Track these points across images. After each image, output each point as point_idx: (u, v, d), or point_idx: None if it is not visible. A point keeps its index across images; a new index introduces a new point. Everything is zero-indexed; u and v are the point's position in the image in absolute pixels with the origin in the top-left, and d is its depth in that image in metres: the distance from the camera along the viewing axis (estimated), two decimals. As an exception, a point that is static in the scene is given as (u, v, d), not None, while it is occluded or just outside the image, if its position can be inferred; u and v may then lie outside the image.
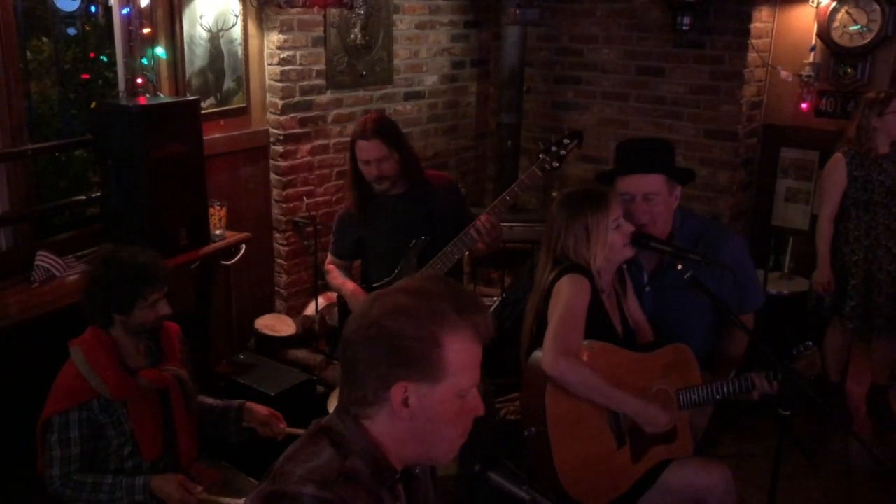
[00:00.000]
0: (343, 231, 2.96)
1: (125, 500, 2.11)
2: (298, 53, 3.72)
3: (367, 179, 2.78)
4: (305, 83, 3.79)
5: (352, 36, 3.93)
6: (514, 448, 2.20)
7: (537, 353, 2.17)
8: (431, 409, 1.22)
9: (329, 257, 3.04)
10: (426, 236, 2.82)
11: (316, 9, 3.60)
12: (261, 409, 2.41)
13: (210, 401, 2.44)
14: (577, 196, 2.26)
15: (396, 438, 1.25)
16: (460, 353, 1.22)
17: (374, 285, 2.92)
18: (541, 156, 2.69)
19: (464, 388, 1.24)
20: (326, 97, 3.91)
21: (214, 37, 3.43)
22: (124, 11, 3.08)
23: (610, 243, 2.18)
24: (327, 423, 1.27)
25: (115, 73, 3.20)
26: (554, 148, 2.68)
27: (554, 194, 2.75)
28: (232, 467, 2.44)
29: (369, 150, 2.72)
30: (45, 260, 2.79)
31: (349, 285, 2.91)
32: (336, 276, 2.97)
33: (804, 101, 4.19)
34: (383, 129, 2.74)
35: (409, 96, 4.39)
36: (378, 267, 2.93)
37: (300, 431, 2.36)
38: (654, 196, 2.32)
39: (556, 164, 2.68)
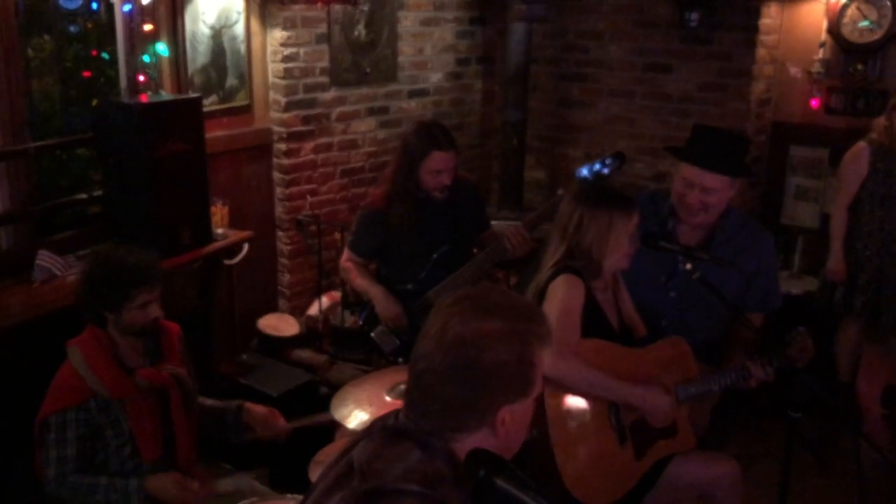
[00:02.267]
0: (368, 230, 2.91)
1: (121, 502, 2.09)
2: (302, 50, 3.70)
3: (429, 188, 2.76)
4: (309, 80, 3.77)
5: (356, 33, 3.91)
6: (522, 450, 2.18)
7: None
8: (522, 421, 1.29)
9: (347, 254, 3.00)
10: (451, 245, 2.82)
11: (319, 5, 3.58)
12: (258, 409, 2.39)
13: (209, 402, 2.42)
14: (605, 191, 2.26)
15: None
16: (541, 363, 1.28)
17: (397, 288, 2.90)
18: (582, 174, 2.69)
19: (539, 392, 1.30)
20: (330, 95, 3.88)
21: (217, 34, 3.41)
22: (126, 8, 3.07)
23: (621, 249, 2.18)
24: (403, 427, 1.27)
25: (117, 70, 3.19)
26: (596, 167, 2.68)
27: (559, 192, 2.74)
28: (231, 468, 2.43)
29: (448, 160, 2.74)
30: (46, 259, 2.79)
31: (376, 289, 2.88)
32: (359, 276, 2.94)
33: (814, 97, 4.15)
34: (452, 137, 2.80)
35: (413, 94, 4.36)
36: (399, 269, 2.90)
37: (306, 422, 2.36)
38: (713, 191, 2.37)
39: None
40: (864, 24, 3.95)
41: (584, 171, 2.67)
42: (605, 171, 2.66)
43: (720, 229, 2.46)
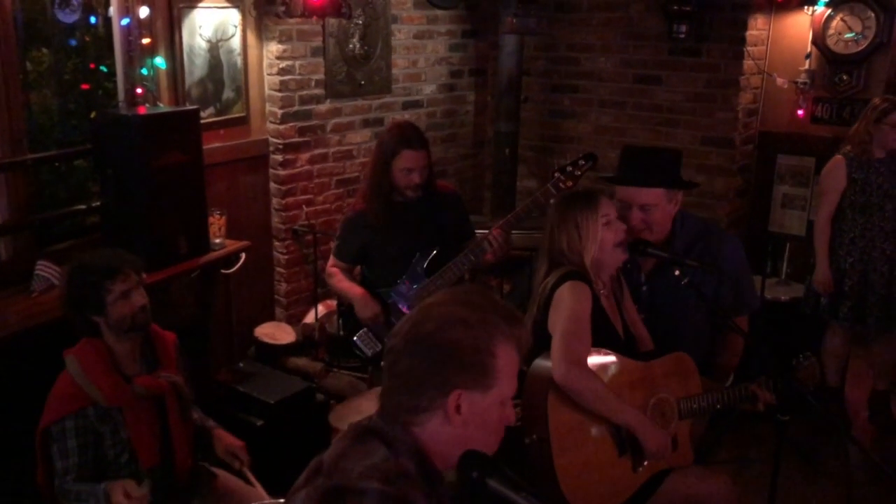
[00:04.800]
0: (351, 234, 2.96)
1: None
2: (297, 63, 3.74)
3: (401, 187, 2.81)
4: (304, 93, 3.81)
5: (350, 46, 3.96)
6: (515, 455, 2.21)
7: (539, 361, 2.17)
8: (480, 416, 1.29)
9: (332, 260, 3.05)
10: (436, 247, 2.85)
11: (315, 19, 3.63)
12: (223, 442, 2.34)
13: (195, 416, 2.41)
14: (568, 197, 2.33)
15: (443, 444, 1.29)
16: (508, 363, 1.29)
17: (378, 291, 2.93)
18: (556, 174, 2.73)
19: (507, 396, 1.31)
20: (325, 106, 3.93)
21: (214, 47, 3.45)
22: (124, 22, 3.10)
23: (601, 241, 2.21)
24: (372, 426, 1.31)
25: (115, 83, 3.22)
26: (569, 168, 2.73)
27: (552, 202, 2.79)
28: (230, 474, 2.43)
29: (417, 158, 2.78)
30: (45, 269, 2.80)
31: (357, 289, 2.92)
32: (340, 280, 2.98)
33: (800, 107, 4.22)
34: (424, 137, 2.84)
35: (407, 105, 4.41)
36: (382, 273, 2.94)
37: (253, 481, 2.29)
38: (651, 207, 2.37)
39: (570, 183, 2.72)
40: (849, 35, 4.03)
41: (558, 174, 2.72)
42: (578, 172, 2.71)
43: (675, 240, 2.44)
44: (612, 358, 2.18)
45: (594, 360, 2.14)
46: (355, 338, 2.95)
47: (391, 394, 1.30)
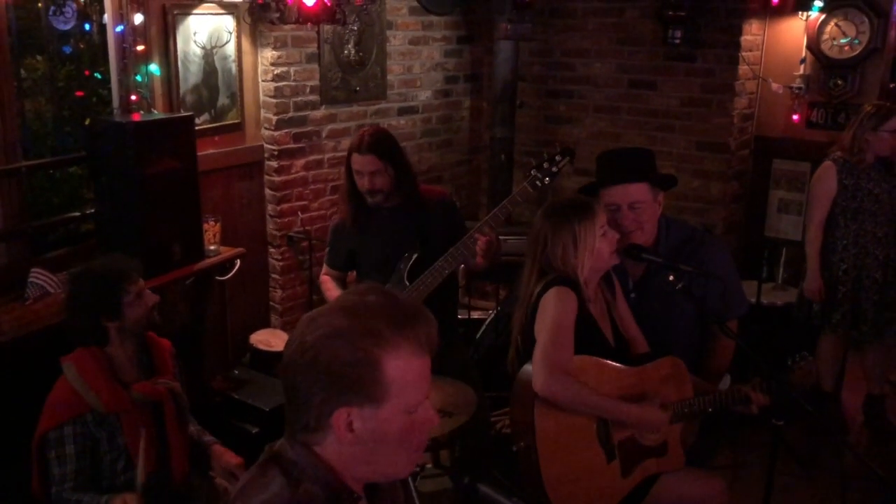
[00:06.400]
0: (336, 242, 2.99)
1: None
2: (292, 69, 3.75)
3: (361, 190, 2.82)
4: (299, 99, 3.81)
5: (345, 52, 3.96)
6: (510, 461, 2.20)
7: (527, 368, 2.16)
8: (379, 431, 1.17)
9: (324, 268, 3.07)
10: (416, 251, 2.83)
11: (309, 25, 3.63)
12: (220, 458, 2.33)
13: (191, 428, 2.41)
14: (563, 205, 2.27)
15: (347, 461, 1.20)
16: (401, 371, 1.16)
17: None
18: (532, 172, 2.70)
19: (411, 404, 1.19)
20: (320, 113, 3.93)
21: (208, 53, 3.45)
22: (118, 29, 3.11)
23: (597, 251, 2.19)
24: (278, 451, 1.23)
25: (110, 90, 3.22)
26: (545, 165, 2.68)
27: (542, 211, 2.76)
28: (225, 483, 2.43)
29: (363, 163, 2.77)
30: (39, 277, 2.80)
31: None
32: (329, 289, 2.99)
33: (795, 112, 4.23)
34: (379, 143, 2.79)
35: (402, 111, 4.41)
36: (371, 279, 2.94)
37: None
38: (640, 204, 2.35)
39: (547, 180, 2.69)
40: (844, 40, 4.04)
41: (535, 171, 2.69)
42: (555, 169, 2.68)
43: (661, 245, 2.43)
44: (601, 364, 2.17)
45: (582, 366, 2.12)
46: None
47: (287, 411, 1.22)
